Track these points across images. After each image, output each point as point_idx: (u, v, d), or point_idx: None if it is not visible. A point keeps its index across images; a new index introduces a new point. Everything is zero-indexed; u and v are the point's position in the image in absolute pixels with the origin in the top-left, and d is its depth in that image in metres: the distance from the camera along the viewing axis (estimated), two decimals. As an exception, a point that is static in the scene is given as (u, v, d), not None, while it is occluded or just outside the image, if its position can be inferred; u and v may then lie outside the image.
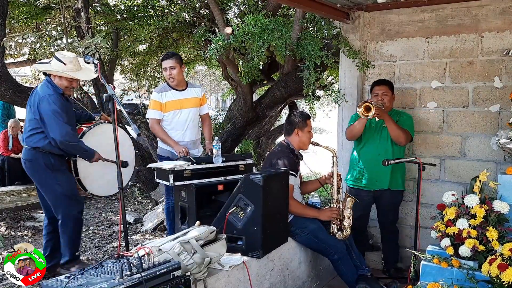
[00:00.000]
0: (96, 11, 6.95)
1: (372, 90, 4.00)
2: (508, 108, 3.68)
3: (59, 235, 3.70)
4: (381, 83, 3.99)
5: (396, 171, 3.92)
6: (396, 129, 3.80)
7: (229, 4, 5.74)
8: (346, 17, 4.37)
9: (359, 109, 3.68)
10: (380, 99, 3.87)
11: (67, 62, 3.48)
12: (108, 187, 3.77)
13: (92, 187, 3.75)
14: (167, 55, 4.19)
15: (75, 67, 3.52)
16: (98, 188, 3.80)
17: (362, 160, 3.99)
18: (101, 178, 3.74)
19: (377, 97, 3.90)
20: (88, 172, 3.69)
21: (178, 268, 2.25)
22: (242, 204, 3.07)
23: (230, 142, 6.29)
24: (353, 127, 3.91)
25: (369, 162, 3.94)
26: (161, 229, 5.25)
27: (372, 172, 3.93)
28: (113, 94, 2.79)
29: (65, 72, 3.46)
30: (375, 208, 4.16)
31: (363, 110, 3.65)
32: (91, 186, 3.75)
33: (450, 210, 3.05)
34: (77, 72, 3.54)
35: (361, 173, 3.99)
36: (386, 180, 3.93)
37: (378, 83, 4.00)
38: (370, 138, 3.97)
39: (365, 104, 3.65)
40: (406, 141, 3.90)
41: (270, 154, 3.77)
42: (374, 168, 3.90)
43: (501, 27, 3.84)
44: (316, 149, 3.68)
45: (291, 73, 5.61)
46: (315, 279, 3.79)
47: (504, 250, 2.70)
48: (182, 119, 4.18)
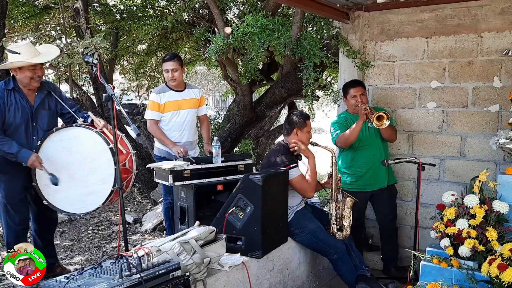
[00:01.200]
0: (95, 11, 6.95)
1: (348, 92, 3.98)
2: (507, 108, 3.68)
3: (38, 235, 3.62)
4: (356, 84, 3.99)
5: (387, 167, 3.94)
6: (389, 128, 3.81)
7: (229, 4, 5.74)
8: (346, 17, 4.37)
9: (372, 122, 3.67)
10: (360, 100, 3.89)
11: (21, 51, 3.24)
12: (80, 203, 3.25)
13: (54, 198, 3.29)
14: (169, 57, 4.18)
15: (32, 54, 3.27)
16: (65, 201, 3.28)
17: (358, 163, 3.96)
18: (70, 190, 3.25)
19: (356, 98, 3.91)
20: (47, 182, 3.27)
21: (177, 269, 2.25)
22: (242, 204, 3.07)
23: (230, 142, 6.29)
24: (350, 135, 3.83)
25: (365, 164, 3.92)
26: (161, 229, 5.24)
27: (370, 174, 3.93)
28: (113, 94, 2.78)
29: (21, 61, 3.23)
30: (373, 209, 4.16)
31: (376, 121, 3.65)
32: (54, 197, 3.29)
33: (450, 210, 3.05)
34: (35, 58, 3.27)
35: (358, 177, 3.97)
36: (384, 178, 3.96)
37: (353, 85, 3.99)
38: (362, 140, 3.94)
39: (377, 114, 3.65)
40: (396, 136, 3.99)
41: (269, 153, 3.77)
42: (372, 169, 3.90)
43: (500, 27, 3.84)
44: (315, 149, 3.67)
45: (291, 73, 5.61)
46: (314, 279, 3.79)
47: (504, 250, 2.70)
48: (180, 120, 4.18)
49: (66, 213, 3.33)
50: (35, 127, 3.38)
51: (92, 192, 3.24)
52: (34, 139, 3.37)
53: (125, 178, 3.30)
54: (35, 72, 3.29)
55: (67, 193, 3.26)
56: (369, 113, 3.71)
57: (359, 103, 3.86)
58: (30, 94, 3.39)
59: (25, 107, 3.35)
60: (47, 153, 3.30)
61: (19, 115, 3.32)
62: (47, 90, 3.46)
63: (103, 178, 3.19)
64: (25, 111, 3.35)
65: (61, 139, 3.33)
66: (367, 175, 3.94)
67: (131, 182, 3.41)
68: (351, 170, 4.00)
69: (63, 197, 3.28)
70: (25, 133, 3.36)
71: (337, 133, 3.95)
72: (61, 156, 3.30)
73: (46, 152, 3.31)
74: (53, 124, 3.49)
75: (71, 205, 3.29)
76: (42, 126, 3.41)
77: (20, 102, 3.34)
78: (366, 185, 3.96)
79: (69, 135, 3.34)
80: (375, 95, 4.42)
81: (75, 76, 7.69)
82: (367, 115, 3.71)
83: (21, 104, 3.34)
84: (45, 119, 3.43)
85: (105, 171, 3.17)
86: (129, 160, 3.34)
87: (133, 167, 3.38)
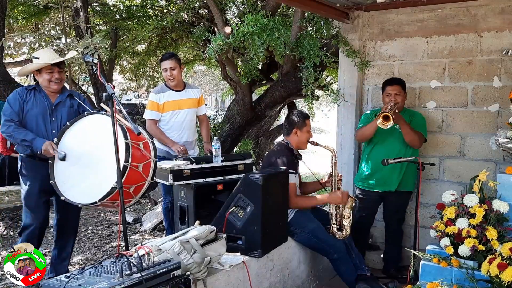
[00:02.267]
0: (95, 11, 6.95)
1: (384, 89, 3.93)
2: (507, 108, 3.68)
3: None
4: (394, 83, 3.90)
5: (408, 172, 3.87)
6: (411, 132, 3.76)
7: (228, 4, 5.74)
8: (346, 16, 4.37)
9: (377, 121, 3.63)
10: (393, 99, 3.81)
11: (40, 56, 3.43)
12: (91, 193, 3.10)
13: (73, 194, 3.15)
14: (167, 56, 4.18)
15: (49, 57, 3.42)
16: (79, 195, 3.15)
17: (372, 161, 3.95)
18: (82, 182, 3.16)
19: (390, 97, 3.84)
20: (65, 176, 3.21)
21: (178, 268, 2.24)
22: (242, 204, 3.07)
23: (230, 142, 6.29)
24: (365, 129, 3.84)
25: (378, 163, 3.84)
26: (160, 229, 5.24)
27: (381, 174, 3.90)
28: (113, 93, 2.77)
29: (36, 64, 3.39)
30: (381, 207, 4.16)
31: (382, 120, 3.62)
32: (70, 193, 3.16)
33: (450, 209, 3.05)
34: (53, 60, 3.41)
35: (370, 175, 3.97)
36: (394, 182, 3.90)
37: (390, 83, 3.91)
38: (381, 139, 3.91)
39: (383, 114, 3.62)
40: (420, 143, 3.87)
41: (269, 153, 3.77)
42: (383, 170, 3.83)
43: (500, 27, 3.84)
44: (315, 148, 3.67)
45: (290, 73, 5.61)
46: (314, 278, 3.79)
47: (504, 249, 2.71)
48: (179, 120, 4.18)
49: (83, 205, 3.15)
50: (54, 121, 3.43)
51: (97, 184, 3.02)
52: (53, 133, 3.40)
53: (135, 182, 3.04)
54: (53, 75, 3.40)
55: (83, 184, 3.13)
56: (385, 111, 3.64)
57: (392, 102, 3.78)
58: (51, 95, 3.48)
59: (44, 102, 3.43)
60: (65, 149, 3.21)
61: (38, 108, 3.40)
62: (69, 94, 3.56)
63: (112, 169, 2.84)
64: (43, 106, 3.43)
65: (75, 134, 3.24)
66: (378, 174, 3.91)
67: (142, 189, 3.14)
68: (366, 166, 4.00)
69: (79, 191, 3.14)
70: (45, 126, 3.41)
71: (360, 126, 3.97)
72: (76, 148, 3.19)
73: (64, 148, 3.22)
74: None
75: (87, 195, 3.10)
76: (62, 121, 3.44)
77: (40, 97, 3.44)
78: (377, 185, 3.94)
79: (81, 127, 3.24)
80: (375, 95, 4.42)
81: (75, 76, 7.69)
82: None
83: (40, 99, 3.43)
84: (64, 115, 3.46)
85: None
86: (145, 166, 3.07)
87: (149, 175, 3.10)
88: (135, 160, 2.96)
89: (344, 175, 4.15)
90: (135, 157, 2.96)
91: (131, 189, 3.04)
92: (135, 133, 2.92)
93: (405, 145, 3.88)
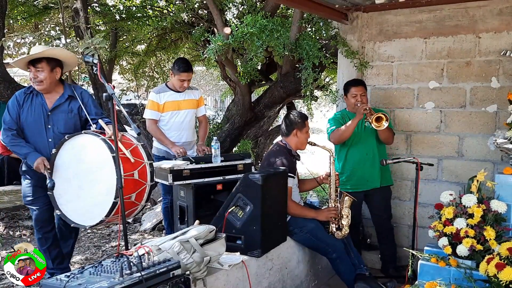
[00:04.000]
0: (94, 11, 6.96)
1: (348, 90, 3.98)
2: (505, 108, 3.69)
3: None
4: (358, 84, 3.99)
5: (384, 167, 3.93)
6: (386, 130, 3.81)
7: (228, 4, 5.75)
8: (344, 17, 4.38)
9: (371, 123, 3.67)
10: (360, 100, 3.89)
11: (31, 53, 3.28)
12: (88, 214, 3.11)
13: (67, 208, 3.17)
14: (188, 67, 4.12)
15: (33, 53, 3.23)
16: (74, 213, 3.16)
17: (350, 162, 3.98)
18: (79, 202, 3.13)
19: (356, 98, 3.91)
20: (62, 190, 3.18)
21: (177, 267, 2.25)
22: (241, 204, 3.09)
23: (229, 142, 6.30)
24: (344, 131, 3.83)
25: (358, 163, 3.93)
26: (160, 228, 5.25)
27: (362, 172, 3.94)
28: (113, 93, 2.78)
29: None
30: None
31: (374, 121, 3.65)
32: (66, 207, 3.17)
33: (448, 209, 3.06)
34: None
35: (349, 176, 3.99)
36: (377, 178, 3.97)
37: (354, 84, 3.99)
38: (355, 138, 3.95)
39: (376, 115, 3.65)
40: (393, 140, 3.99)
41: (268, 153, 3.78)
42: (364, 168, 3.91)
43: (498, 28, 3.86)
44: (313, 149, 3.68)
45: (290, 73, 5.63)
46: (313, 278, 3.80)
47: (502, 249, 2.71)
48: (179, 120, 4.20)
49: (76, 225, 3.17)
50: (50, 129, 3.31)
51: (97, 204, 3.06)
52: (50, 141, 3.29)
53: (134, 190, 3.06)
54: (35, 73, 3.23)
55: (77, 204, 3.15)
56: (368, 113, 3.72)
57: (359, 102, 3.87)
58: (49, 97, 3.33)
59: (40, 109, 3.30)
60: (62, 163, 3.19)
61: (31, 117, 3.28)
62: (69, 94, 3.38)
63: (107, 188, 2.97)
64: (38, 113, 3.29)
65: (73, 148, 3.18)
66: (359, 173, 3.95)
67: (145, 194, 3.17)
68: (344, 168, 4.01)
69: (74, 208, 3.17)
70: (40, 135, 3.30)
71: (332, 128, 3.95)
72: (72, 165, 3.16)
73: (61, 161, 3.19)
74: (70, 127, 3.35)
75: (79, 216, 3.16)
76: (58, 128, 3.32)
77: (36, 103, 3.30)
78: (359, 185, 3.97)
79: (78, 143, 3.18)
80: (374, 95, 4.44)
81: (74, 76, 7.70)
82: (366, 115, 3.72)
83: (37, 106, 3.30)
84: (61, 121, 3.33)
85: (109, 181, 2.93)
86: (140, 171, 3.10)
87: (147, 179, 3.13)
88: (127, 170, 3.00)
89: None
90: (126, 168, 3.00)
91: (132, 197, 3.08)
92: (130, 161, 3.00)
93: (378, 141, 3.97)
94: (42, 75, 3.24)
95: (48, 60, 3.25)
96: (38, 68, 3.23)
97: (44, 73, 3.24)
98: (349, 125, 3.81)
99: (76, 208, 3.16)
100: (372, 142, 3.97)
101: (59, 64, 3.33)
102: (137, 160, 3.12)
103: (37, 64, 3.22)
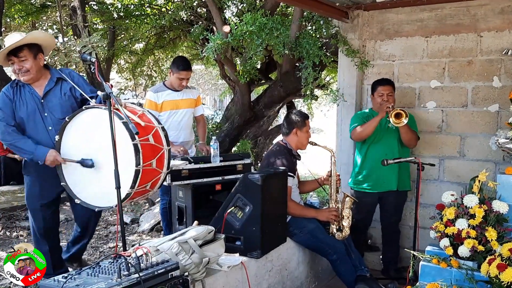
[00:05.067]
0: (92, 10, 6.94)
1: (375, 89, 3.92)
2: (507, 108, 3.67)
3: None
4: (385, 83, 3.90)
5: (403, 171, 3.89)
6: (409, 132, 3.76)
7: (227, 2, 5.72)
8: (345, 16, 4.36)
9: (390, 118, 3.62)
10: (386, 100, 3.81)
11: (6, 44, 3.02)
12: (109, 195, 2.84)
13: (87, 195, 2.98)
14: (188, 66, 4.09)
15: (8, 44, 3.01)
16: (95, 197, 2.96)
17: (369, 162, 3.92)
18: (95, 185, 2.94)
19: (383, 97, 3.84)
20: (76, 176, 3.00)
21: (176, 268, 2.23)
22: (241, 204, 3.05)
23: (228, 142, 6.27)
24: (365, 128, 3.78)
25: (376, 162, 3.80)
26: (158, 229, 5.22)
27: (379, 173, 3.87)
28: (111, 92, 2.75)
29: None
30: (377, 208, 4.14)
31: (394, 118, 3.61)
32: (86, 194, 2.98)
33: (449, 210, 3.04)
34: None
35: (366, 176, 3.94)
36: (394, 181, 3.89)
37: (382, 83, 3.91)
38: (376, 138, 3.89)
39: (396, 111, 3.61)
40: (416, 143, 3.90)
41: (268, 153, 3.75)
42: (382, 168, 3.78)
43: (500, 27, 3.83)
44: (314, 149, 3.65)
45: (289, 72, 5.60)
46: (313, 279, 3.77)
47: (503, 250, 2.70)
48: (177, 120, 4.17)
49: (100, 208, 2.97)
50: (47, 117, 3.15)
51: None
52: (50, 130, 3.13)
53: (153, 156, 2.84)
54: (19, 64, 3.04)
55: (96, 186, 2.92)
56: (390, 110, 3.66)
57: (384, 102, 3.79)
58: (37, 86, 3.16)
59: (31, 99, 3.14)
60: (69, 148, 2.97)
61: (25, 108, 3.12)
62: (57, 78, 3.19)
63: (125, 158, 2.71)
64: (31, 103, 3.13)
65: (77, 129, 2.95)
66: (377, 173, 3.88)
67: (164, 160, 2.96)
68: (362, 166, 3.96)
69: (94, 192, 2.95)
70: (38, 125, 3.14)
71: (355, 125, 3.91)
72: (81, 147, 2.92)
73: (68, 147, 2.97)
74: (68, 110, 3.13)
75: (100, 199, 2.93)
76: (55, 114, 3.15)
77: (26, 94, 3.14)
78: (375, 185, 3.91)
79: (82, 122, 2.94)
80: (374, 94, 4.40)
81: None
82: (387, 112, 3.66)
83: (27, 97, 3.14)
84: (56, 106, 3.15)
85: (125, 150, 2.70)
86: (154, 135, 2.88)
87: (163, 143, 2.93)
88: (147, 159, 2.78)
89: (343, 175, 4.13)
90: (146, 156, 2.77)
91: (153, 164, 2.86)
92: (141, 125, 2.78)
93: (400, 143, 3.89)
94: (28, 64, 3.04)
95: (29, 47, 3.04)
96: (21, 57, 3.02)
97: (29, 62, 3.04)
98: (371, 122, 3.76)
99: (96, 191, 2.94)
100: (393, 143, 3.88)
101: (40, 49, 3.14)
102: (148, 125, 2.91)
103: (19, 54, 3.01)
